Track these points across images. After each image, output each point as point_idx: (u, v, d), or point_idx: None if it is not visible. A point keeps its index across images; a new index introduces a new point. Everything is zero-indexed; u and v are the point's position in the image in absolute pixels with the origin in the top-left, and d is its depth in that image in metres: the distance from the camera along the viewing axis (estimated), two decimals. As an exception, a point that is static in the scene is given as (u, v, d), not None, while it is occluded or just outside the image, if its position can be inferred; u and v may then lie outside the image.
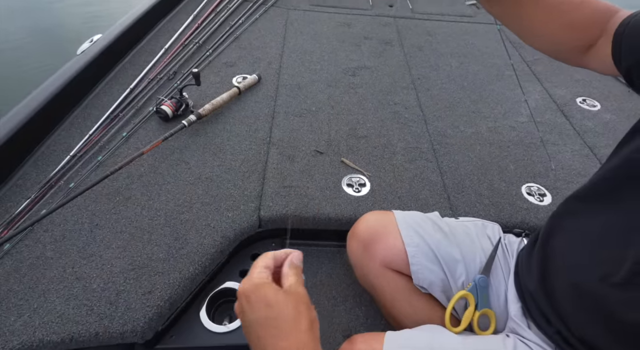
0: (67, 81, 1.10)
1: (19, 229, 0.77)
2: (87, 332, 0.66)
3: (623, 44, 0.46)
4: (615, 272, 0.43)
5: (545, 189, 1.01)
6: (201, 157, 1.02)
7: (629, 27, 0.46)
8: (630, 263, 0.41)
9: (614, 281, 0.43)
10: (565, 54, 0.56)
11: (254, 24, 1.64)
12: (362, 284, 0.80)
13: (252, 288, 0.40)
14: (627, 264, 0.41)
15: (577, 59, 0.54)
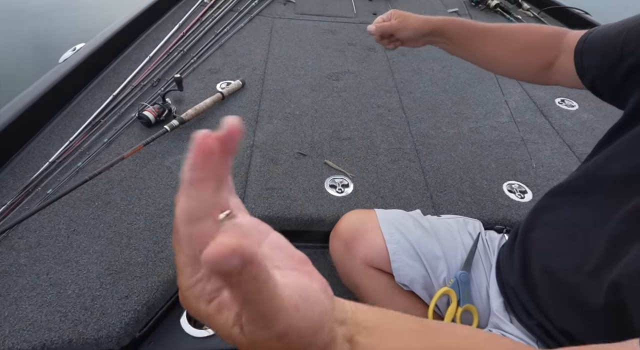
0: (47, 89, 1.10)
1: (-8, 236, 0.75)
2: (59, 339, 0.64)
3: (584, 60, 0.51)
4: (587, 261, 0.44)
5: (526, 186, 1.02)
6: (183, 162, 1.01)
7: (586, 43, 0.52)
8: (599, 253, 0.42)
9: (586, 270, 0.44)
10: (525, 74, 0.63)
11: (239, 32, 1.66)
12: (345, 283, 0.79)
13: None
14: (596, 254, 0.43)
15: (540, 78, 0.61)
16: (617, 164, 0.45)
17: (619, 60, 0.46)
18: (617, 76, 0.47)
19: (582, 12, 1.88)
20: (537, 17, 2.03)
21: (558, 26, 0.58)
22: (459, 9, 2.07)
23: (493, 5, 2.07)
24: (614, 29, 0.48)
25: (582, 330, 0.46)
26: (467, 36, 0.62)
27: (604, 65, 0.48)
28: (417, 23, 0.65)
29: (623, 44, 0.45)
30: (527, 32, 0.60)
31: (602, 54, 0.49)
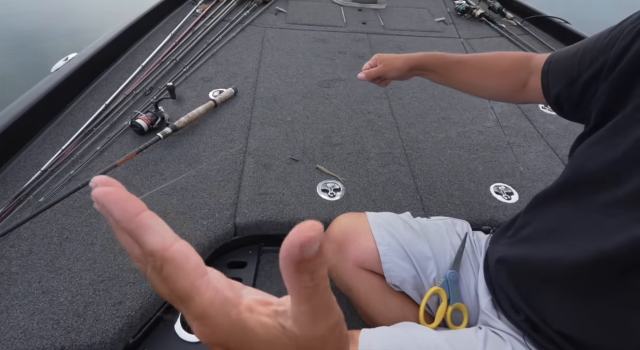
0: (39, 98, 1.10)
1: (-17, 245, 0.75)
2: (52, 347, 0.64)
3: (549, 78, 0.58)
4: (575, 261, 0.45)
5: (513, 187, 1.05)
6: (176, 168, 1.02)
7: (551, 64, 0.58)
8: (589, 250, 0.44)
9: (573, 270, 0.45)
10: (503, 95, 0.70)
11: (231, 41, 1.69)
12: (338, 286, 0.80)
13: None
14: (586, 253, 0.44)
15: (516, 98, 0.68)
16: (592, 162, 0.47)
17: (577, 76, 0.51)
18: (575, 91, 0.52)
19: (562, 21, 1.95)
20: (520, 25, 2.10)
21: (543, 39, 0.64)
22: (445, 18, 2.13)
23: (478, 15, 2.14)
24: (572, 49, 0.55)
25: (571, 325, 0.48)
26: (445, 67, 0.71)
27: (564, 82, 0.54)
28: (400, 63, 0.73)
29: (580, 62, 0.51)
30: (498, 60, 0.67)
31: (563, 72, 0.55)
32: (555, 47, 1.83)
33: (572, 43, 0.54)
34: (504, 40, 1.95)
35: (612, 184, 0.43)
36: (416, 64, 0.73)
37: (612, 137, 0.45)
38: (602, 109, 0.47)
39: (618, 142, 0.44)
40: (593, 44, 0.50)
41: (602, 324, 0.44)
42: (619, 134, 0.44)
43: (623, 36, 0.45)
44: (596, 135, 0.47)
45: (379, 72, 0.75)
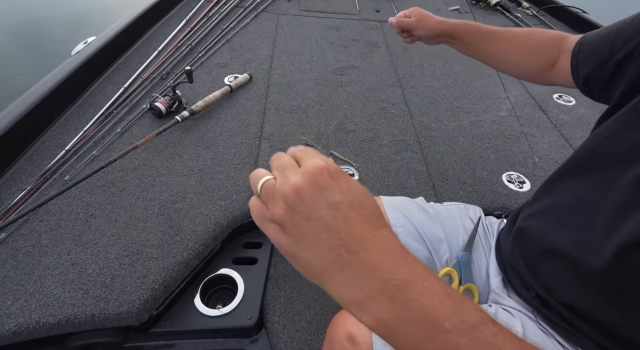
0: (61, 80, 1.13)
1: (13, 218, 0.78)
2: (83, 314, 0.68)
3: (579, 60, 0.57)
4: (589, 234, 0.46)
5: (525, 176, 1.06)
6: (194, 151, 1.05)
7: (582, 45, 0.57)
8: (601, 224, 0.44)
9: (588, 243, 0.46)
10: (531, 74, 0.68)
11: (245, 27, 1.69)
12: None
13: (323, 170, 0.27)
14: (599, 226, 0.45)
15: (543, 78, 0.66)
16: (611, 140, 0.47)
17: (609, 57, 0.51)
18: (606, 72, 0.51)
19: (579, 11, 1.91)
20: (536, 15, 2.06)
21: (558, 29, 0.63)
22: (460, 7, 2.10)
23: (493, 4, 2.11)
24: (605, 31, 0.54)
25: (587, 303, 0.49)
26: (477, 37, 0.68)
27: (595, 63, 0.53)
28: (432, 23, 0.72)
29: (612, 43, 0.50)
30: (532, 35, 0.66)
31: (594, 53, 0.54)
32: (571, 37, 1.80)
33: None
34: None
35: (628, 163, 0.44)
36: (448, 29, 0.71)
37: (633, 116, 0.45)
38: (627, 89, 0.46)
39: (637, 121, 0.44)
40: (628, 24, 0.49)
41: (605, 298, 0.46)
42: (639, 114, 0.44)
43: None
44: (617, 115, 0.47)
45: (410, 25, 0.74)
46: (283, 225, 0.27)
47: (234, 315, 0.79)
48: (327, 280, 0.26)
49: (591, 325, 0.47)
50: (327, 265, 0.26)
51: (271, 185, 0.28)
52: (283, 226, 0.27)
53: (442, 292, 0.25)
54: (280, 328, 0.79)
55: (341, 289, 0.26)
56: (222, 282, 0.86)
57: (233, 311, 0.79)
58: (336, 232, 0.26)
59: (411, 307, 0.25)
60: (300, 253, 0.26)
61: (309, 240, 0.26)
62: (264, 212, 0.28)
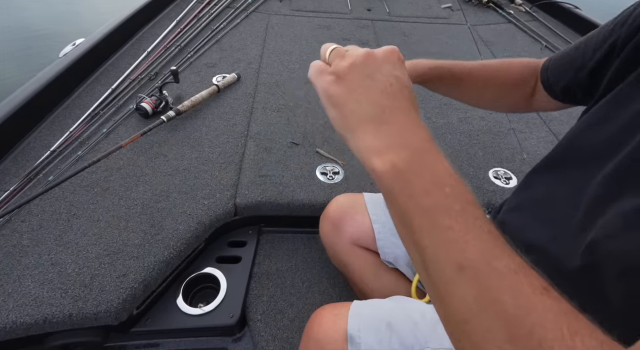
0: (48, 82, 1.13)
1: (-5, 219, 0.78)
2: (60, 314, 0.67)
3: (550, 74, 0.57)
4: (564, 229, 0.46)
5: (512, 172, 1.06)
6: (179, 150, 1.05)
7: (551, 61, 0.58)
8: (576, 219, 0.44)
9: (564, 237, 0.46)
10: (515, 106, 0.66)
11: (236, 28, 1.69)
12: (334, 262, 0.82)
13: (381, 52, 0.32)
14: (574, 221, 0.45)
15: (528, 108, 0.65)
16: (587, 134, 0.47)
17: (583, 64, 0.52)
18: (583, 76, 0.52)
19: (572, 7, 1.90)
20: (529, 11, 2.05)
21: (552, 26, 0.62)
22: (452, 4, 2.10)
23: (486, 1, 2.10)
24: (571, 47, 0.55)
25: None
26: (453, 82, 0.62)
27: (571, 73, 0.54)
28: None
29: (584, 53, 0.52)
30: (509, 69, 0.63)
31: (567, 66, 0.55)
32: (564, 33, 1.80)
33: (582, 29, 0.54)
34: (511, 26, 1.92)
35: (603, 157, 0.43)
36: (417, 79, 0.62)
37: (607, 110, 0.45)
38: (608, 83, 0.46)
39: (611, 114, 0.44)
40: (597, 34, 0.50)
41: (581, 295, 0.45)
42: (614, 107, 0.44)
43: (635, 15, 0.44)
44: (593, 109, 0.47)
45: None
46: (342, 77, 0.30)
47: (216, 313, 0.78)
48: (359, 129, 0.29)
49: None
50: (367, 117, 0.29)
51: (342, 49, 0.32)
52: (341, 78, 0.30)
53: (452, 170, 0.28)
54: (262, 326, 0.79)
55: (370, 137, 0.29)
56: (205, 281, 0.86)
57: (215, 310, 0.79)
58: (388, 95, 0.30)
59: (424, 165, 0.27)
60: (348, 102, 0.30)
61: (361, 93, 0.30)
62: (326, 68, 0.32)
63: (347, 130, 0.30)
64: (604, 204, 0.41)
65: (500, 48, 1.70)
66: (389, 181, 0.28)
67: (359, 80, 0.30)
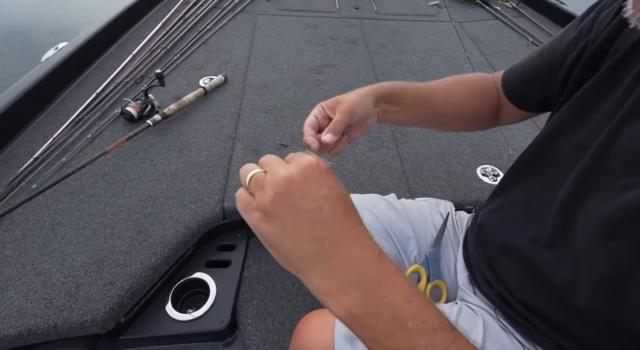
0: (30, 87, 1.11)
1: (-23, 229, 0.77)
2: (45, 325, 0.66)
3: (514, 87, 0.56)
4: (542, 233, 0.46)
5: (499, 169, 1.06)
6: (166, 155, 1.04)
7: (512, 73, 0.56)
8: (551, 224, 0.44)
9: (542, 242, 0.46)
10: (483, 121, 0.63)
11: (223, 28, 1.68)
12: (322, 266, 0.82)
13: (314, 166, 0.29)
14: (550, 225, 0.45)
15: (494, 122, 0.63)
16: (560, 137, 0.48)
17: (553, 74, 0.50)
18: (557, 84, 0.50)
19: (558, 2, 1.92)
20: (515, 7, 2.07)
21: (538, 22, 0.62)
22: (439, 2, 2.10)
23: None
24: (531, 57, 0.54)
25: (541, 301, 0.49)
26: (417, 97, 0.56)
27: (540, 83, 0.53)
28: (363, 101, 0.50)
29: (550, 62, 0.51)
30: (467, 80, 0.59)
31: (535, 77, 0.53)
32: (550, 28, 1.81)
33: (567, 24, 0.53)
34: (498, 23, 1.93)
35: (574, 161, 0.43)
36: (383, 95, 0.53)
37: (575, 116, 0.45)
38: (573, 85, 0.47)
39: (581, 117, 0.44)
40: (559, 40, 0.50)
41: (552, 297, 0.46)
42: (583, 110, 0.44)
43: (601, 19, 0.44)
44: (562, 110, 0.47)
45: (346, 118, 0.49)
46: (269, 213, 0.27)
47: (205, 319, 0.78)
48: (305, 270, 0.27)
49: (548, 325, 0.47)
50: (307, 256, 0.27)
51: (261, 176, 0.29)
52: (268, 215, 0.27)
53: (410, 292, 0.27)
54: (252, 330, 0.78)
55: (318, 279, 0.27)
56: (195, 286, 0.85)
57: (204, 315, 0.78)
58: (321, 225, 0.27)
59: (380, 302, 0.26)
60: (282, 242, 0.27)
61: (293, 230, 0.27)
62: (250, 201, 0.28)
63: (294, 271, 0.28)
64: (574, 208, 0.41)
65: (487, 45, 1.71)
66: (350, 326, 0.27)
67: (286, 214, 0.27)
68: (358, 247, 0.27)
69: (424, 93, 0.56)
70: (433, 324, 0.26)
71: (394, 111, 0.55)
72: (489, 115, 0.61)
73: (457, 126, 0.65)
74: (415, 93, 0.56)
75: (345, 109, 0.49)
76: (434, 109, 0.58)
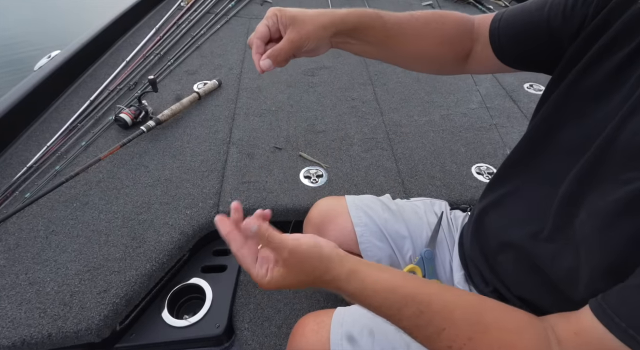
0: (23, 96, 1.11)
1: (-30, 240, 0.76)
2: (39, 334, 0.66)
3: (502, 36, 0.51)
4: (543, 228, 0.46)
5: (494, 167, 1.06)
6: (160, 161, 1.03)
7: (502, 21, 0.51)
8: (553, 217, 0.44)
9: (543, 236, 0.45)
10: (448, 68, 0.59)
11: (216, 33, 1.68)
12: (318, 267, 0.81)
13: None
14: (551, 219, 0.44)
15: (460, 69, 0.59)
16: (563, 129, 0.46)
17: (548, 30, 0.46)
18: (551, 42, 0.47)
19: None
20: (508, 6, 2.07)
21: None
22: (432, 2, 2.11)
23: (466, -3, 2.11)
24: (528, 6, 0.49)
25: (539, 296, 0.48)
26: (384, 34, 0.51)
27: (534, 36, 0.48)
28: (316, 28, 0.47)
29: (548, 18, 0.46)
30: (442, 24, 0.54)
31: (527, 29, 0.49)
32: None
33: None
34: None
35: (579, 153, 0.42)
36: (343, 26, 0.48)
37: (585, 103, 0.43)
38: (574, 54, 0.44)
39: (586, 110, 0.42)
40: None
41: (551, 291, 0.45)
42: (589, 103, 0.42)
43: None
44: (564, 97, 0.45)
45: (292, 48, 0.47)
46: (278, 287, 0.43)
47: (202, 324, 0.77)
48: None
49: None
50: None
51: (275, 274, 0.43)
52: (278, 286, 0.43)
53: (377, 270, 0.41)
54: (249, 335, 0.78)
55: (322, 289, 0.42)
56: (191, 291, 0.85)
57: (200, 321, 0.78)
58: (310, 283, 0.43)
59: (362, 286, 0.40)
60: None
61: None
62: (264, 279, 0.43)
63: None
64: (576, 201, 0.40)
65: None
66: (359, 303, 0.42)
67: None
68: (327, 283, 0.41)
69: (391, 31, 0.51)
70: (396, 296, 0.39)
71: (354, 44, 0.51)
72: (455, 63, 0.57)
73: (418, 67, 0.61)
74: (381, 30, 0.51)
75: (294, 38, 0.46)
76: (398, 50, 0.54)
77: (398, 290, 0.38)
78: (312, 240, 0.42)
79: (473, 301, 0.40)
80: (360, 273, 0.40)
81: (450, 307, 0.38)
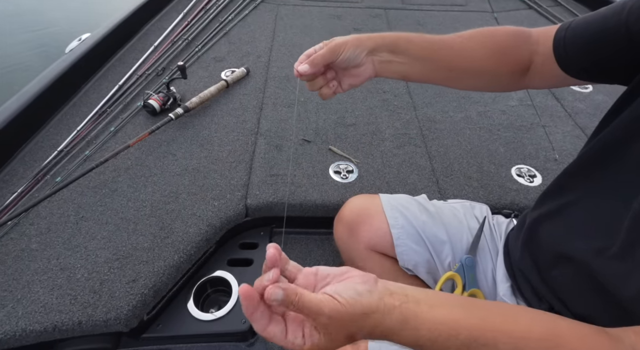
0: (54, 79, 1.11)
1: (3, 221, 0.77)
2: (70, 321, 0.66)
3: (568, 48, 0.48)
4: (611, 244, 0.42)
5: (536, 170, 1.00)
6: (188, 149, 1.02)
7: (570, 30, 0.48)
8: (625, 233, 0.40)
9: (611, 253, 0.42)
10: (504, 83, 0.56)
11: (244, 19, 1.64)
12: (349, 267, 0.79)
13: None
14: (622, 235, 0.41)
15: (518, 84, 0.55)
16: (636, 147, 0.41)
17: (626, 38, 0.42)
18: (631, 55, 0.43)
19: None
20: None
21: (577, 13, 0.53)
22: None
23: None
24: (603, 13, 0.46)
25: (601, 315, 0.45)
26: (426, 47, 0.51)
27: (606, 51, 0.45)
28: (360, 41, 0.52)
29: (627, 24, 0.42)
30: (492, 35, 0.52)
31: (600, 43, 0.45)
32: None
33: None
34: (532, 12, 1.82)
35: None
36: (385, 42, 0.51)
37: None
38: None
39: None
40: None
41: (615, 312, 0.41)
42: None
43: None
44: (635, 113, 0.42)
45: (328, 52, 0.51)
46: None
47: (228, 319, 0.76)
48: None
49: None
50: None
51: None
52: None
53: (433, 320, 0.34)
54: None
55: None
56: (217, 284, 0.84)
57: (227, 315, 0.77)
58: None
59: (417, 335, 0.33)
60: None
61: None
62: None
63: None
64: None
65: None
66: None
67: None
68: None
69: (434, 44, 0.51)
70: None
71: (397, 62, 0.51)
72: (512, 76, 0.53)
73: (471, 84, 0.57)
74: (423, 44, 0.51)
75: (331, 45, 0.51)
76: (444, 63, 0.52)
77: (459, 336, 0.33)
78: (351, 291, 0.33)
79: (545, 334, 0.35)
80: (411, 321, 0.34)
81: (521, 345, 0.33)
